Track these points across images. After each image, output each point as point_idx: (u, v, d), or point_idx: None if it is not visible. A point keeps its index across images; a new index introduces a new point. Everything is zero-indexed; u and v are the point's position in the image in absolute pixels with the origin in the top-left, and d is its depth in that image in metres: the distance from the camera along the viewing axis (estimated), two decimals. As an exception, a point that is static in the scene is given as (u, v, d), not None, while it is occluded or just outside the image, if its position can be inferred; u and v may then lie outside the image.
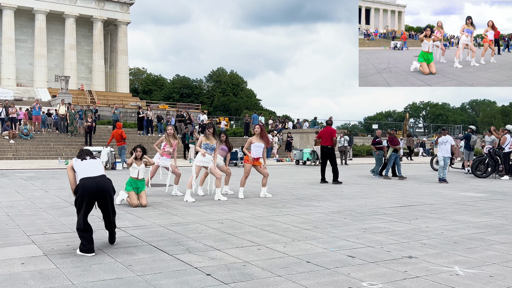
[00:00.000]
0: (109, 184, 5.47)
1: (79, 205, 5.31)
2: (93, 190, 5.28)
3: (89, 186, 5.27)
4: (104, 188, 5.36)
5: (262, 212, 8.39)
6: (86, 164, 5.47)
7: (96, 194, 5.31)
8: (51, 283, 4.23)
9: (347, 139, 26.50)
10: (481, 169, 18.01)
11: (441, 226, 7.32)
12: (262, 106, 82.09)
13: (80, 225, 5.25)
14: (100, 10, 54.61)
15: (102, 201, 5.42)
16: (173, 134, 10.78)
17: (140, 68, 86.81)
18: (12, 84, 49.75)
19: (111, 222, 5.60)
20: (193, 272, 4.64)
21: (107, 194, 5.41)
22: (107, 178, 5.51)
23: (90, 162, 5.51)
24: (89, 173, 5.39)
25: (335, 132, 14.80)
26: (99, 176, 5.41)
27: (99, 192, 5.33)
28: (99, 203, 5.45)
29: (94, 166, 5.48)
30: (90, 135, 25.95)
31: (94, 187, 5.29)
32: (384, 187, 13.33)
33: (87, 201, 5.28)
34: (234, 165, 21.96)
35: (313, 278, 4.50)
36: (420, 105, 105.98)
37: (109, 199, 5.46)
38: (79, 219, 5.27)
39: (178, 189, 10.97)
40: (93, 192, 5.28)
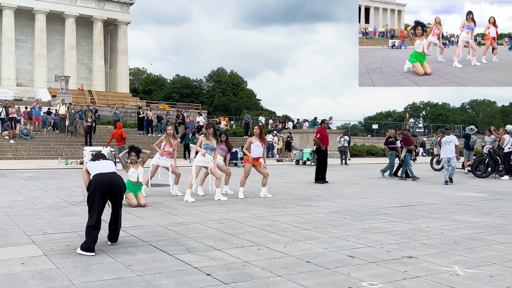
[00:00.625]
0: (120, 180, 5.64)
1: (91, 201, 5.41)
2: (105, 185, 5.43)
3: (102, 181, 5.43)
4: (115, 183, 5.52)
5: (262, 212, 8.39)
6: (98, 163, 5.73)
7: (108, 188, 5.45)
8: (51, 283, 4.23)
9: (347, 139, 26.50)
10: (481, 169, 18.00)
11: (441, 226, 7.32)
12: (262, 106, 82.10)
13: (92, 222, 5.30)
14: (100, 10, 54.60)
15: (113, 196, 5.56)
16: (173, 134, 10.79)
17: (140, 68, 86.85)
18: (12, 84, 49.74)
19: (119, 218, 5.67)
20: (193, 272, 4.64)
21: (118, 189, 5.55)
22: (118, 175, 5.68)
23: (103, 162, 5.78)
24: (102, 170, 5.60)
25: (317, 132, 14.67)
26: (111, 172, 5.61)
27: (111, 187, 5.47)
28: (110, 198, 5.57)
29: (106, 165, 5.72)
30: (90, 135, 25.95)
31: (106, 182, 5.45)
32: (384, 187, 13.33)
33: (99, 196, 5.38)
34: (234, 165, 21.96)
35: (313, 278, 4.50)
36: (420, 105, 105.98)
37: (120, 195, 5.60)
38: (93, 216, 5.32)
39: (178, 189, 10.97)
40: (105, 187, 5.42)
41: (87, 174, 5.74)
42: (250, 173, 11.01)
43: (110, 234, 5.72)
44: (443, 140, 15.30)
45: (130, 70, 70.86)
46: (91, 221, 5.31)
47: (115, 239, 5.74)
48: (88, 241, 5.23)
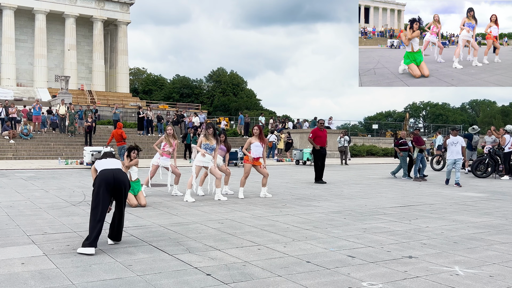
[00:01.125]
0: (125, 177, 5.71)
1: (96, 195, 5.46)
2: (110, 180, 5.51)
3: (107, 176, 5.52)
4: (120, 179, 5.59)
5: (262, 212, 8.39)
6: (105, 161, 5.84)
7: (112, 184, 5.52)
8: (51, 283, 4.23)
9: (347, 139, 26.50)
10: (481, 169, 18.00)
11: (441, 226, 7.32)
12: (262, 106, 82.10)
13: (96, 215, 5.35)
14: (100, 10, 54.59)
15: (117, 192, 5.60)
16: (173, 134, 10.79)
17: (140, 68, 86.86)
18: (12, 84, 49.74)
19: (122, 216, 5.70)
20: (193, 272, 4.64)
21: (123, 186, 5.61)
22: (123, 172, 5.76)
23: (109, 159, 5.88)
24: (108, 166, 5.70)
25: (310, 132, 14.60)
26: (116, 168, 5.70)
27: (115, 183, 5.54)
28: (115, 195, 5.62)
29: (113, 162, 5.82)
30: (90, 135, 25.96)
31: (111, 177, 5.53)
32: (384, 187, 13.33)
33: (103, 191, 5.45)
34: (234, 165, 21.96)
35: (313, 278, 4.50)
36: (420, 105, 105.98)
37: (124, 191, 5.65)
38: (97, 209, 5.36)
39: (178, 189, 10.97)
40: (110, 182, 5.50)
41: (95, 172, 5.85)
42: (250, 173, 11.01)
43: (114, 233, 5.73)
44: (449, 141, 14.45)
45: (130, 70, 70.86)
46: (94, 213, 5.36)
47: (118, 238, 5.75)
48: (90, 236, 5.25)
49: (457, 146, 14.20)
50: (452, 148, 14.27)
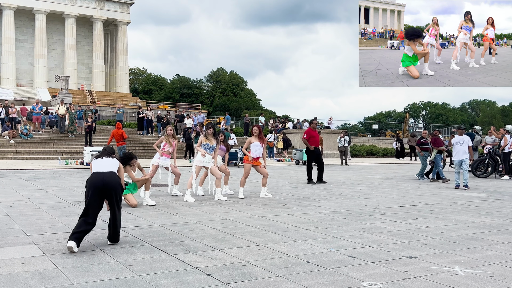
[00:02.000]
0: (115, 180, 5.65)
1: (85, 197, 5.54)
2: (99, 184, 5.50)
3: (95, 180, 5.52)
4: (109, 183, 5.55)
5: (262, 212, 8.39)
6: (100, 161, 5.78)
7: (101, 188, 5.51)
8: (51, 283, 4.23)
9: (347, 139, 26.50)
10: (481, 169, 18.00)
11: (441, 226, 7.32)
12: (262, 106, 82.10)
13: (82, 215, 5.45)
14: (100, 10, 54.58)
15: (107, 196, 5.61)
16: (173, 134, 10.79)
17: (140, 68, 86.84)
18: (12, 84, 49.73)
19: (115, 218, 5.68)
20: (193, 272, 4.64)
21: (112, 190, 5.57)
22: (116, 175, 5.69)
23: (105, 159, 5.81)
24: (99, 169, 5.66)
25: (304, 133, 14.60)
26: (107, 172, 5.63)
27: (104, 187, 5.52)
28: (106, 198, 5.63)
29: (107, 163, 5.74)
30: (90, 135, 25.96)
31: (100, 181, 5.51)
32: (384, 187, 13.33)
33: (91, 194, 5.48)
34: (234, 165, 21.96)
35: (313, 278, 4.50)
36: (420, 105, 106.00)
37: (114, 195, 5.61)
38: (85, 210, 5.47)
39: (178, 189, 10.97)
40: (98, 186, 5.49)
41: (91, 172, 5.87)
42: (250, 173, 11.01)
43: (110, 234, 5.75)
44: (454, 140, 13.67)
45: (130, 70, 70.84)
46: (82, 214, 5.49)
47: (114, 239, 5.75)
48: (73, 231, 5.34)
49: (463, 145, 13.43)
50: (458, 148, 13.50)
